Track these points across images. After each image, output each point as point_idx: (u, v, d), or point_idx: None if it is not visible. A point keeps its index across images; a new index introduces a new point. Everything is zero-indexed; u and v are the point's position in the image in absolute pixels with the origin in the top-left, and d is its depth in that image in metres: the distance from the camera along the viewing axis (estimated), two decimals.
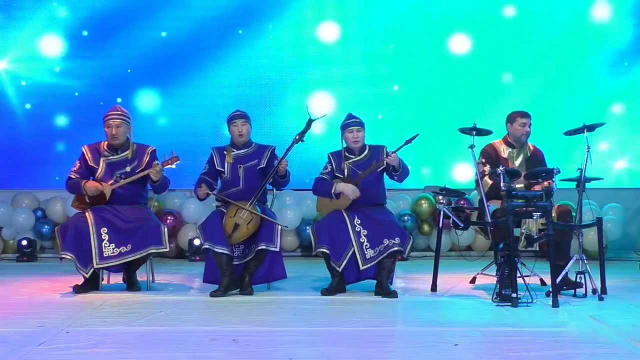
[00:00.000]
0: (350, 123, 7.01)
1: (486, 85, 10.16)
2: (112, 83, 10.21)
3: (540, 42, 10.20)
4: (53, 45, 10.29)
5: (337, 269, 6.77)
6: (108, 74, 10.22)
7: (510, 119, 7.21)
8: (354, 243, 6.75)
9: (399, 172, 6.92)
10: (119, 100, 10.00)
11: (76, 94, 10.22)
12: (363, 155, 7.03)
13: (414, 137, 6.86)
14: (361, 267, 6.76)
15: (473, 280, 7.36)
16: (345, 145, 7.06)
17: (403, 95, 10.27)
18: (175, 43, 10.26)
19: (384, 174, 7.04)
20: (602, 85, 10.16)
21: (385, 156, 6.89)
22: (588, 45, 10.20)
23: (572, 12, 10.24)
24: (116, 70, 10.23)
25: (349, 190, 6.88)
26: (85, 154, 7.09)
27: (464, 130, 6.94)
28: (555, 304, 6.19)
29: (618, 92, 10.18)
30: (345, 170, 6.99)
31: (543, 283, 7.08)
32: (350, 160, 7.02)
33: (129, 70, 10.24)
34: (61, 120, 10.30)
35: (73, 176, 7.04)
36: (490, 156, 7.12)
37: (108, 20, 10.21)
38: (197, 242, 9.26)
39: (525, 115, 7.17)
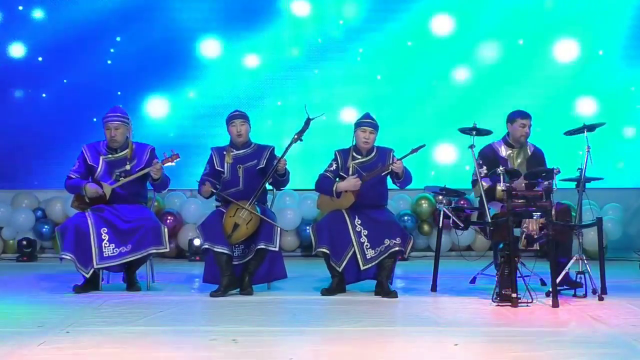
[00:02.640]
0: (365, 122, 6.99)
1: (486, 84, 10.16)
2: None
3: (540, 41, 10.20)
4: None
5: (337, 269, 6.76)
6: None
7: (511, 119, 7.18)
8: (355, 243, 6.75)
9: (402, 179, 6.93)
10: (118, 93, 10.04)
11: None
12: (370, 157, 7.01)
13: (420, 147, 6.87)
14: (362, 268, 6.76)
15: (473, 280, 7.35)
16: (354, 143, 7.05)
17: (404, 94, 10.26)
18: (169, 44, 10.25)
19: (388, 176, 7.04)
20: (603, 84, 10.15)
21: (390, 162, 6.89)
22: (588, 44, 10.19)
23: (573, 10, 10.23)
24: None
25: (351, 185, 6.87)
26: (85, 153, 7.09)
27: (464, 130, 6.92)
28: (555, 304, 6.18)
29: (618, 91, 10.17)
30: (350, 170, 6.97)
31: (543, 283, 7.08)
32: (357, 161, 7.00)
33: None
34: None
35: (73, 176, 7.04)
36: (488, 157, 7.10)
37: None
38: (197, 242, 9.25)
39: (525, 116, 7.13)
